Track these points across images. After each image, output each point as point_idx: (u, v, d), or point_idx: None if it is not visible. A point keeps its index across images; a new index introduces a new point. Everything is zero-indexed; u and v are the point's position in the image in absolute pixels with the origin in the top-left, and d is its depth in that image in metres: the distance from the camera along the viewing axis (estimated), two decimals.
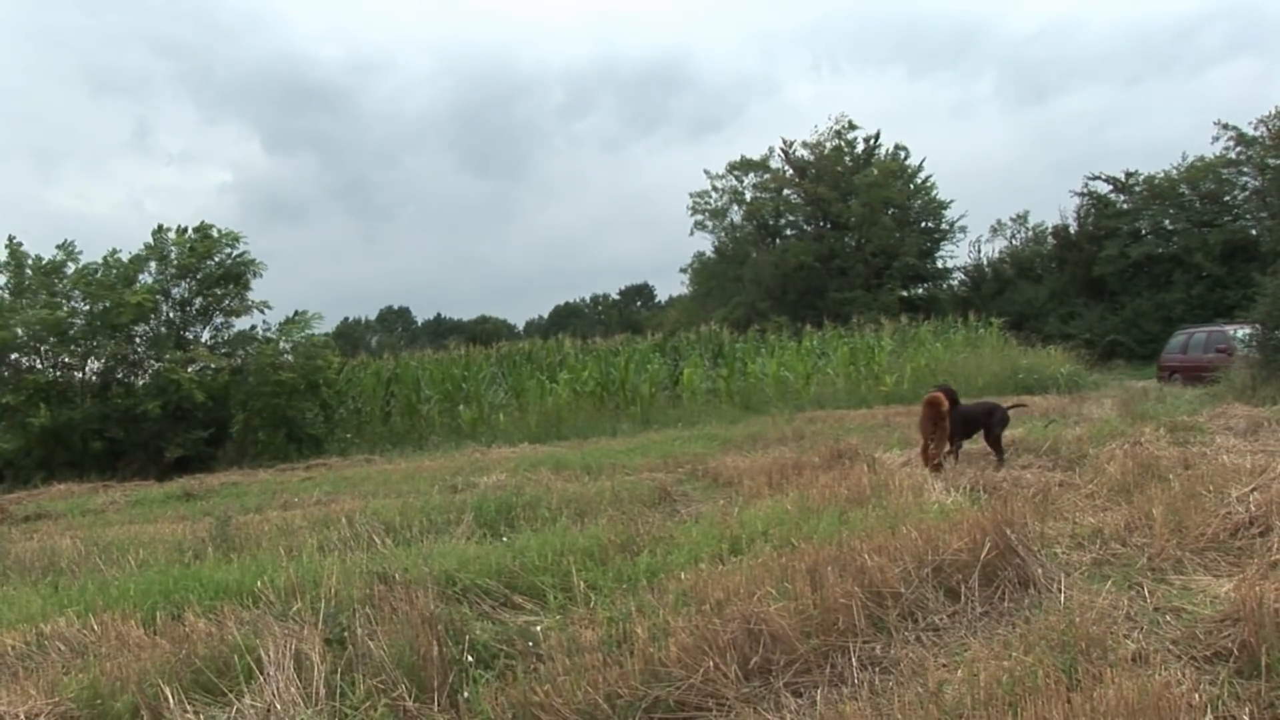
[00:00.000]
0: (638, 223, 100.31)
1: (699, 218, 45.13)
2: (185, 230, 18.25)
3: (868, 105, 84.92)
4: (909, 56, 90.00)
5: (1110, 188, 36.16)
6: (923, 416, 7.90)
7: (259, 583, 4.39)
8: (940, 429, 7.71)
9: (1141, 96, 78.17)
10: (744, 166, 43.82)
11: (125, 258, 17.69)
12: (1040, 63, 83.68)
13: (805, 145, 42.69)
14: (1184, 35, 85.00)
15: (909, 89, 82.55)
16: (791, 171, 42.55)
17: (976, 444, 8.37)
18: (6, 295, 17.03)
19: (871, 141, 42.14)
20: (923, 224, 41.60)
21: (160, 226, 18.32)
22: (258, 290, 19.41)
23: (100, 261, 17.49)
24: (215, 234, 18.28)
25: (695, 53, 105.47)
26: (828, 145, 42.19)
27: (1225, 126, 32.29)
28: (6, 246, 17.18)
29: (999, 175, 72.11)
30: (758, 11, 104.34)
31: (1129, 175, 35.65)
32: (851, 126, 41.88)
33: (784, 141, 43.04)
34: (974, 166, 71.25)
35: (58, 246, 17.37)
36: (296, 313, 18.69)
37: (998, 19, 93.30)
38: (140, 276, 17.57)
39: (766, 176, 43.06)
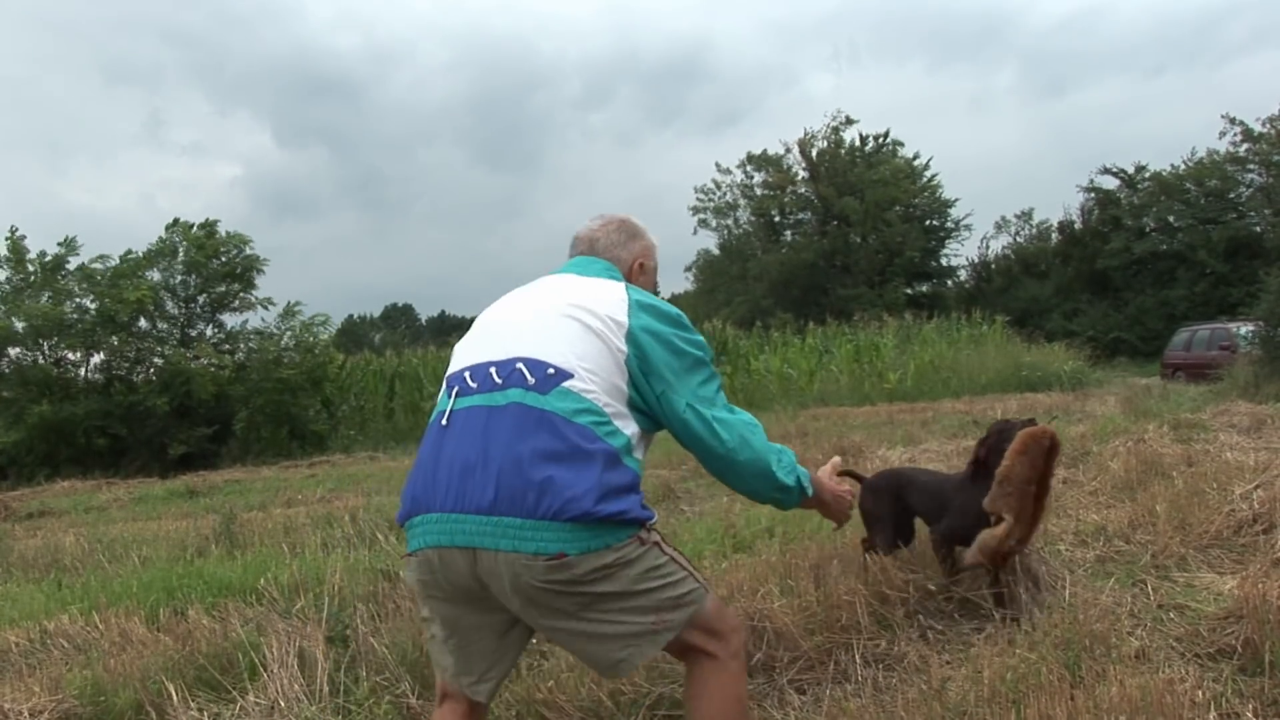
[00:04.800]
0: (643, 219, 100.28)
1: (702, 215, 45.09)
2: (192, 227, 18.31)
3: (885, 98, 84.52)
4: (930, 48, 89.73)
5: (1119, 182, 36.09)
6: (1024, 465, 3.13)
7: (262, 580, 4.40)
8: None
9: (1162, 89, 77.85)
10: (759, 162, 43.70)
11: (139, 255, 17.76)
12: (1062, 54, 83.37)
13: (816, 141, 42.61)
14: (1209, 26, 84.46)
15: (928, 82, 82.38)
16: (805, 170, 42.42)
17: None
18: (8, 288, 17.06)
19: (881, 139, 42.08)
20: (928, 221, 41.56)
21: (175, 220, 18.49)
22: (263, 287, 19.50)
23: (104, 256, 17.56)
24: (223, 234, 18.36)
25: (715, 42, 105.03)
26: (823, 140, 42.15)
27: (1233, 121, 32.22)
28: (7, 239, 17.21)
29: (1012, 170, 72.06)
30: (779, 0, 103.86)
31: (1138, 169, 35.56)
32: (849, 122, 41.81)
33: (802, 136, 42.98)
34: (987, 161, 71.11)
35: (59, 244, 17.43)
36: (298, 305, 18.74)
37: (1023, 8, 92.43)
38: (149, 273, 17.63)
39: (777, 173, 42.96)
